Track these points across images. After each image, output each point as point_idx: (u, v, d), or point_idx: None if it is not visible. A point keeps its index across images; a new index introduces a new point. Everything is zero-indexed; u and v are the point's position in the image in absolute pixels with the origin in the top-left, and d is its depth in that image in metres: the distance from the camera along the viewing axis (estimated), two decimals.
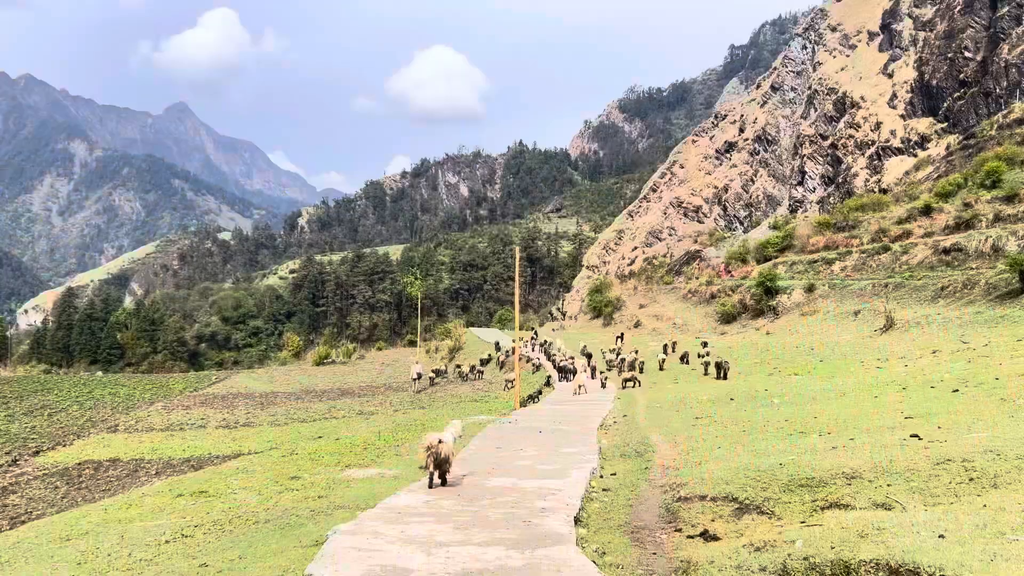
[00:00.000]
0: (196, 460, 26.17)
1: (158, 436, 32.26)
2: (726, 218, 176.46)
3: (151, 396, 47.80)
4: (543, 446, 16.46)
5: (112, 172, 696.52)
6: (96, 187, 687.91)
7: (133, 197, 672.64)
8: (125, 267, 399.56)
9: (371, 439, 18.98)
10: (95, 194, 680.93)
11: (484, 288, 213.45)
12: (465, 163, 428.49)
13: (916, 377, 20.88)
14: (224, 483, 14.19)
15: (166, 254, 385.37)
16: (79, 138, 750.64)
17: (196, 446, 29.13)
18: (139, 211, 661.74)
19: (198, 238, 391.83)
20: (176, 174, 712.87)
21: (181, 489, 14.17)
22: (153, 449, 29.19)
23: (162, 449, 28.93)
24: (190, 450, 28.50)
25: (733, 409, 19.79)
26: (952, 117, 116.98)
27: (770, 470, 10.29)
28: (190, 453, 27.80)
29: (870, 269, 54.36)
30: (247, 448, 27.33)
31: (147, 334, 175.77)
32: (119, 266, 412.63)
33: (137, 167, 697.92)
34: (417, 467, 14.12)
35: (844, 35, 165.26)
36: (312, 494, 12.12)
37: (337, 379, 57.38)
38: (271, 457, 17.46)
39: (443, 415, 28.30)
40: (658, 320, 59.99)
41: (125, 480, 23.92)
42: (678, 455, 13.78)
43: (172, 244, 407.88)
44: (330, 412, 36.80)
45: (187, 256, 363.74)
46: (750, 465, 10.83)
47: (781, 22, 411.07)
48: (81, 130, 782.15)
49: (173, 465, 25.92)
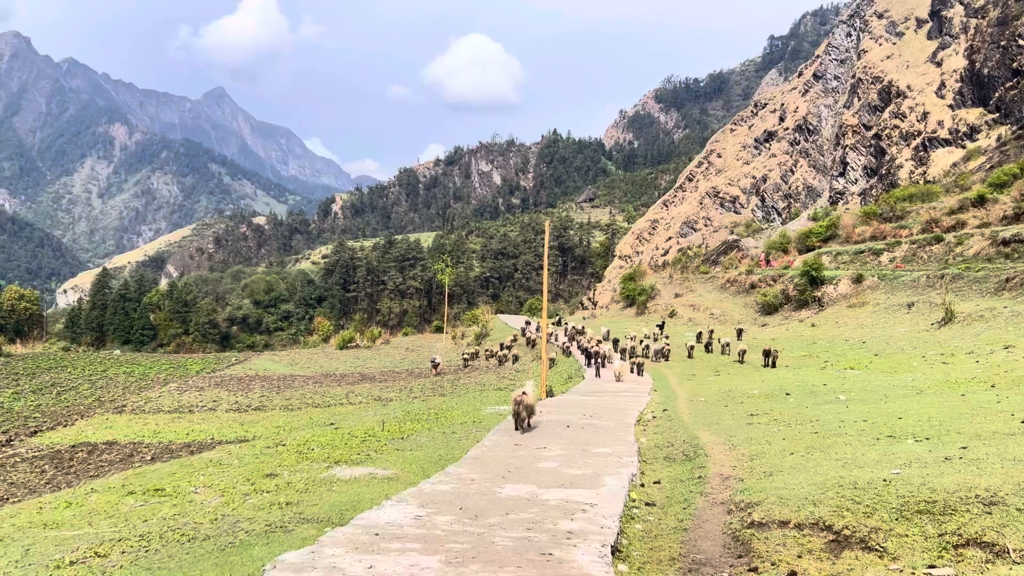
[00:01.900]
0: (197, 445, 24.31)
1: (164, 418, 30.51)
2: (764, 209, 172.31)
3: (166, 376, 46.21)
4: (571, 444, 14.13)
5: (151, 156, 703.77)
6: (135, 170, 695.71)
7: (171, 180, 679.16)
8: (162, 249, 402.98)
9: (374, 429, 16.70)
10: (134, 177, 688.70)
11: (515, 277, 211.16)
12: (498, 151, 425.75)
13: (1000, 374, 18.30)
14: (188, 479, 12.07)
15: (202, 237, 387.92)
16: (119, 121, 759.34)
17: (200, 430, 27.31)
18: (176, 194, 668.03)
19: (233, 222, 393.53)
20: (213, 158, 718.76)
21: (136, 485, 12.03)
22: (155, 432, 27.42)
23: (164, 432, 27.15)
24: (193, 434, 26.67)
25: (792, 406, 17.20)
26: (1004, 107, 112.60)
27: (871, 487, 7.84)
28: (192, 437, 25.95)
29: (921, 260, 51.38)
30: (252, 434, 25.47)
31: (179, 315, 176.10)
32: (156, 248, 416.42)
33: (175, 151, 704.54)
34: (419, 468, 11.89)
35: (891, 22, 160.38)
36: (281, 499, 9.89)
37: (359, 364, 55.53)
38: (253, 449, 15.25)
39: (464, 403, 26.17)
40: (695, 310, 57.31)
41: (118, 464, 22.20)
42: (738, 461, 11.29)
43: (208, 228, 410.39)
44: (347, 397, 34.79)
45: (222, 240, 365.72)
46: (842, 480, 8.38)
47: (823, 13, 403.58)
48: (121, 114, 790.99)
49: (172, 450, 24.04)
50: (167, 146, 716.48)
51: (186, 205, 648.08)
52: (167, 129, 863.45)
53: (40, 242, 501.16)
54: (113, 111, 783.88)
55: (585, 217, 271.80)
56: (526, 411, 15.71)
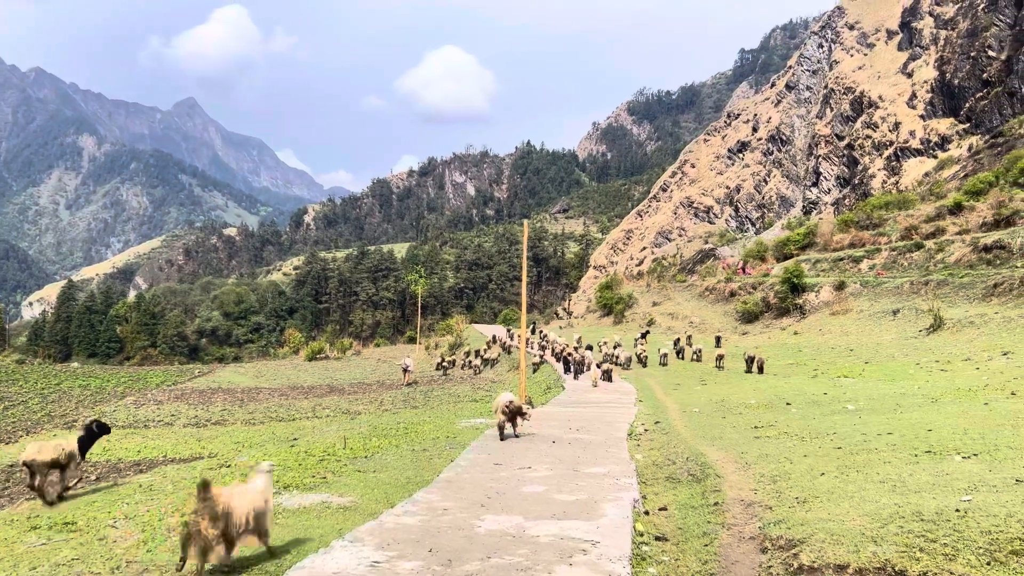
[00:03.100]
0: (147, 463, 22.46)
1: (116, 434, 28.52)
2: (738, 219, 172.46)
3: (124, 390, 44.03)
4: (558, 463, 12.52)
5: (120, 167, 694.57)
6: (104, 181, 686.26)
7: (140, 192, 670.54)
8: (130, 261, 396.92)
9: (334, 447, 14.78)
10: (103, 188, 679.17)
11: (489, 287, 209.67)
12: (472, 163, 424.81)
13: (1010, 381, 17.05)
14: (109, 509, 10.23)
15: (171, 249, 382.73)
16: (88, 132, 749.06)
17: (154, 446, 25.43)
18: (146, 206, 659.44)
19: (204, 234, 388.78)
20: (184, 170, 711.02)
21: (45, 517, 10.19)
22: (104, 449, 25.47)
23: (114, 449, 25.24)
24: (145, 451, 24.77)
25: (797, 417, 15.69)
26: (974, 117, 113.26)
27: (943, 520, 6.35)
28: (144, 455, 24.06)
29: (902, 267, 50.63)
30: (209, 450, 23.65)
31: (147, 328, 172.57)
32: (124, 260, 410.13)
33: (145, 162, 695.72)
34: (383, 494, 10.21)
35: (862, 33, 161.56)
36: None
37: (328, 375, 53.61)
38: (194, 470, 13.41)
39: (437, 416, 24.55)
40: (673, 319, 56.09)
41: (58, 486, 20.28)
42: (758, 484, 9.70)
43: (178, 239, 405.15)
44: (314, 411, 32.99)
45: (192, 251, 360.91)
46: (900, 509, 6.88)
47: (792, 26, 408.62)
48: (90, 124, 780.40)
49: (119, 469, 22.13)
50: (137, 157, 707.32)
51: (156, 217, 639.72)
52: (137, 140, 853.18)
53: (5, 254, 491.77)
54: (81, 121, 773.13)
55: (559, 228, 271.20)
56: (514, 415, 15.01)
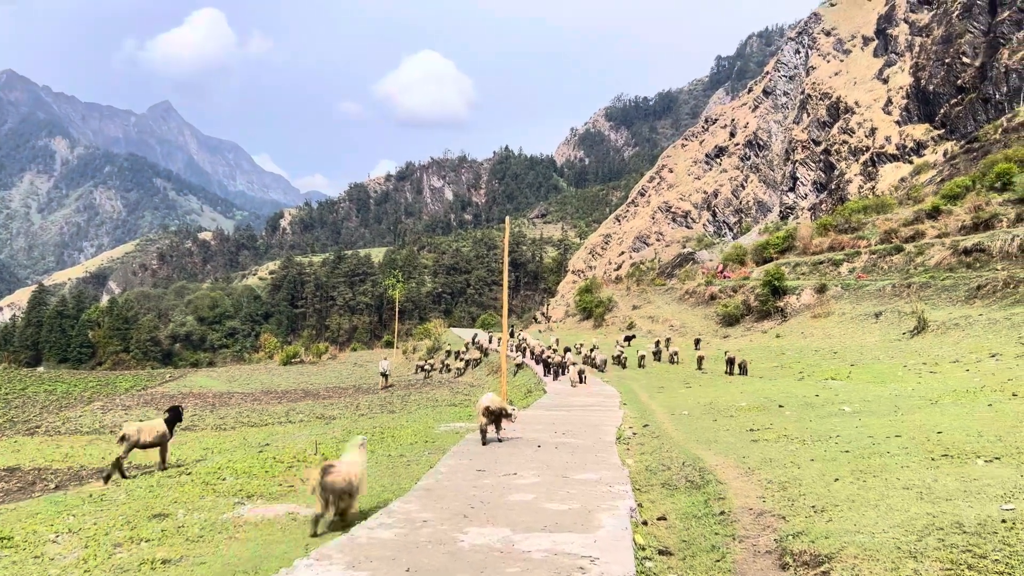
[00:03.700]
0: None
1: (81, 440, 27.50)
2: (715, 224, 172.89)
3: (91, 395, 42.77)
4: (546, 468, 11.72)
5: (94, 170, 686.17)
6: (77, 185, 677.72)
7: (114, 196, 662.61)
8: (104, 266, 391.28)
9: (305, 452, 13.94)
10: (76, 192, 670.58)
11: (467, 292, 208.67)
12: (450, 167, 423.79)
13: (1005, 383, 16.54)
14: (53, 522, 9.32)
15: (145, 253, 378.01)
16: (60, 135, 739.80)
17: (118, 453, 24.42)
18: (120, 210, 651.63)
19: (178, 238, 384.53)
20: (158, 173, 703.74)
21: None
22: (66, 456, 24.49)
23: (77, 456, 24.23)
24: (110, 458, 23.68)
25: (792, 419, 15.02)
26: (949, 123, 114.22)
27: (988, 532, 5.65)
28: (108, 462, 23.03)
29: (882, 271, 50.55)
30: (176, 457, 22.71)
31: (119, 333, 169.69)
32: (97, 265, 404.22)
33: (119, 165, 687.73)
34: None
35: (838, 40, 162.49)
36: (160, 554, 7.17)
37: (303, 380, 52.48)
38: (150, 479, 12.44)
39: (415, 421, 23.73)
40: (653, 322, 55.57)
41: (16, 495, 19.40)
42: (765, 490, 9.01)
43: (152, 243, 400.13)
44: (287, 416, 32.05)
45: (167, 256, 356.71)
46: (934, 520, 6.18)
47: (768, 33, 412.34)
48: (63, 127, 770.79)
49: (81, 477, 21.23)
50: (110, 160, 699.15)
51: (130, 221, 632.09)
52: (111, 143, 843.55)
53: None
54: (54, 124, 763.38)
55: (537, 233, 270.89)
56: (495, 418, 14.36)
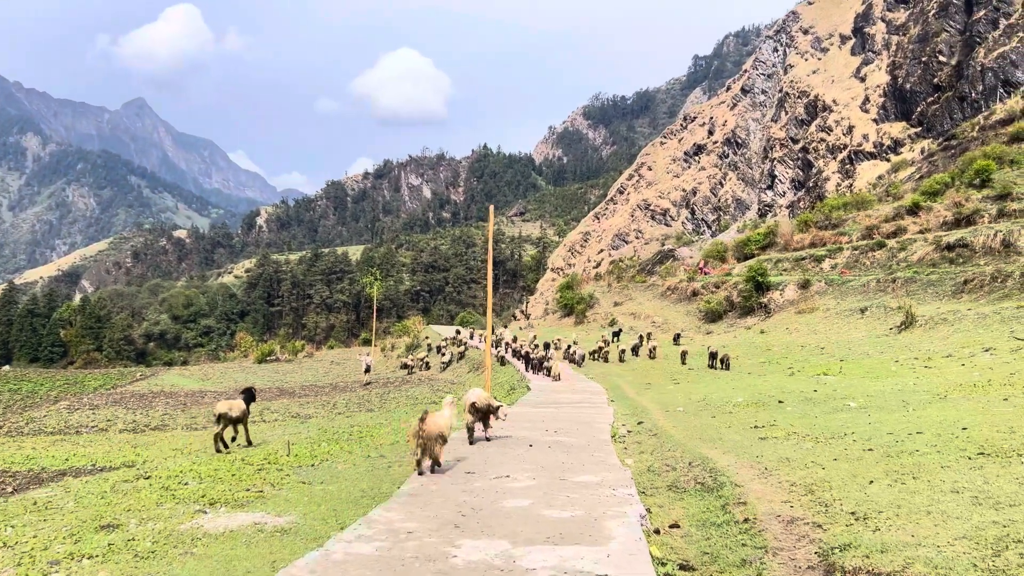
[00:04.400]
0: (74, 471, 20.59)
1: (44, 441, 26.48)
2: (694, 221, 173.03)
3: (58, 394, 41.56)
4: (541, 470, 10.74)
5: (66, 167, 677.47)
6: (49, 182, 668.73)
7: (87, 193, 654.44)
8: (77, 264, 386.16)
9: (276, 454, 13.13)
10: (48, 189, 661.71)
11: (446, 290, 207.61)
12: (429, 165, 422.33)
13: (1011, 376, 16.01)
14: None
15: (119, 251, 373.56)
16: (32, 131, 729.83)
17: (83, 454, 23.48)
18: (93, 208, 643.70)
19: (153, 236, 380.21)
20: (133, 171, 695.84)
21: None
22: (28, 457, 23.49)
23: (39, 457, 23.23)
24: (74, 459, 22.81)
25: (797, 415, 14.37)
26: (926, 121, 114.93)
27: None
28: (71, 463, 22.12)
29: (864, 266, 50.39)
30: (144, 457, 21.81)
31: (92, 331, 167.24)
32: (70, 263, 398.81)
33: (92, 163, 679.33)
34: (331, 511, 8.53)
35: (816, 38, 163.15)
36: (103, 573, 6.56)
37: (278, 378, 51.48)
38: (104, 484, 11.19)
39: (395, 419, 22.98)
40: (635, 318, 55.07)
41: None
42: (790, 494, 8.31)
43: (126, 241, 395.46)
44: (261, 415, 31.15)
45: (141, 254, 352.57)
46: (1006, 530, 5.53)
47: (744, 33, 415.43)
48: (34, 123, 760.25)
49: (41, 479, 20.22)
50: (83, 157, 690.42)
51: (103, 219, 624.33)
52: (84, 140, 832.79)
53: None
54: (25, 120, 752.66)
55: (516, 231, 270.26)
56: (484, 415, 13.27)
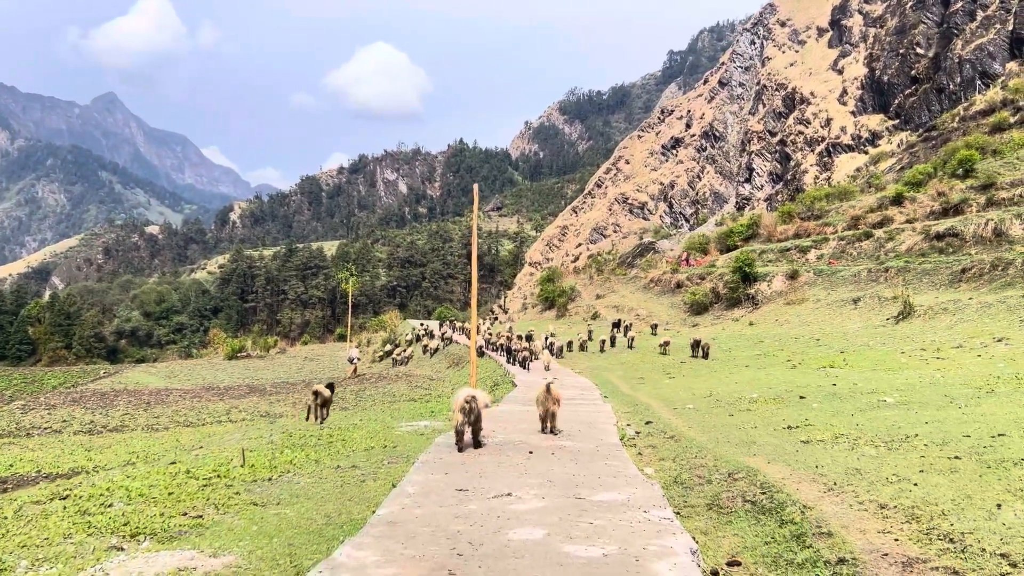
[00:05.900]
0: (14, 480, 18.66)
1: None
2: (672, 215, 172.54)
3: (14, 393, 39.47)
4: (550, 485, 8.54)
5: (35, 163, 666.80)
6: (18, 178, 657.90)
7: (58, 189, 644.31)
8: (46, 261, 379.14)
9: (228, 464, 11.33)
10: (16, 185, 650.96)
11: (422, 285, 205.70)
12: (404, 160, 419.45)
13: None
14: None
15: (90, 248, 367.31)
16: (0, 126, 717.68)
17: (30, 458, 21.54)
18: (64, 204, 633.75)
19: (125, 232, 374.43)
20: (104, 166, 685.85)
21: None
22: None
23: None
24: (18, 465, 20.83)
25: (829, 414, 12.77)
26: (904, 114, 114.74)
27: None
28: (14, 470, 20.15)
29: (851, 257, 49.47)
30: (96, 462, 19.95)
31: (61, 329, 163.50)
32: (40, 259, 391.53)
33: (62, 158, 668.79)
34: (285, 547, 6.76)
35: (793, 30, 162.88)
36: None
37: (248, 375, 49.61)
38: (11, 505, 9.32)
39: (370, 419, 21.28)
40: (618, 311, 53.74)
41: None
42: (884, 521, 6.61)
43: (97, 238, 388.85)
44: (228, 414, 29.37)
45: (112, 250, 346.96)
46: None
47: (719, 29, 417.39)
48: (2, 118, 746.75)
49: None
50: (53, 153, 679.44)
51: (74, 215, 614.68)
52: (53, 135, 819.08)
53: None
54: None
55: (493, 226, 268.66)
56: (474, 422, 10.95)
